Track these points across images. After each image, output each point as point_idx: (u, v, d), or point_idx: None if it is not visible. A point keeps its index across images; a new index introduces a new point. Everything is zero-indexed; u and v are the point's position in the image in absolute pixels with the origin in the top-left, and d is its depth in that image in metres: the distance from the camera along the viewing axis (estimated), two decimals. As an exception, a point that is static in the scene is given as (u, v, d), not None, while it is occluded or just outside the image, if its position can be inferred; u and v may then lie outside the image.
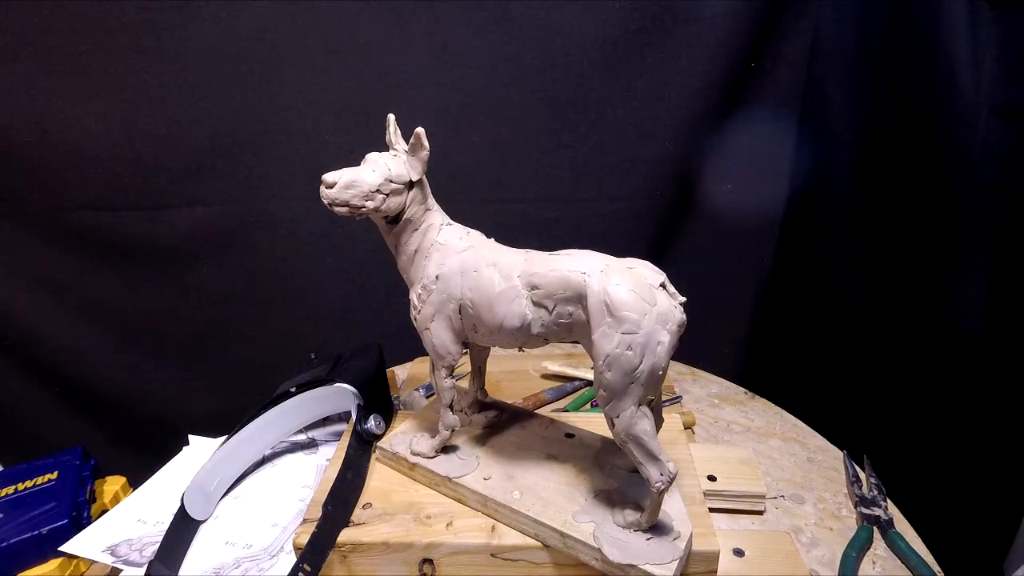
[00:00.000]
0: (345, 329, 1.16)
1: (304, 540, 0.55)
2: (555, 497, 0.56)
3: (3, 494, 0.71)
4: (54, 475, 0.74)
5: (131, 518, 0.69)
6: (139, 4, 0.91)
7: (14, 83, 0.94)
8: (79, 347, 1.12)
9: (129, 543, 0.65)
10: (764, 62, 1.02)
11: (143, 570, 0.58)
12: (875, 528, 0.64)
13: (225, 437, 0.73)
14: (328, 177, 0.52)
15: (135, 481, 0.78)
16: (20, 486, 0.72)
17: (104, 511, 0.72)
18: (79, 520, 0.69)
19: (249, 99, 0.99)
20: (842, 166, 1.01)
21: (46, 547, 0.65)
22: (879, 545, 0.63)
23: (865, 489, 0.70)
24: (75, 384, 1.15)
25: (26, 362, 1.12)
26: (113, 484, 0.78)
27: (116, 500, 0.75)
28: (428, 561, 0.56)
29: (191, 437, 0.82)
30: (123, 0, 0.91)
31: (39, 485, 0.72)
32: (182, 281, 1.10)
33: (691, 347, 1.04)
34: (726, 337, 1.24)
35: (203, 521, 0.67)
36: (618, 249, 0.97)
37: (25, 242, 1.05)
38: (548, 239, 1.09)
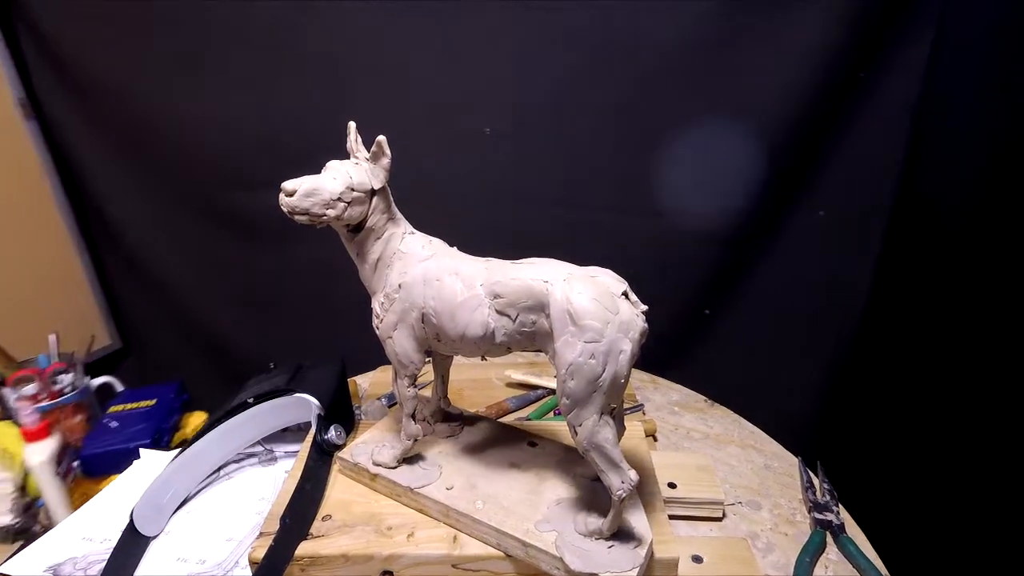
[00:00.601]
0: None
1: (260, 554, 0.54)
2: (517, 506, 0.56)
3: (119, 409, 0.87)
4: (153, 402, 0.89)
5: (76, 535, 0.66)
6: (273, 5, 1.06)
7: (161, 76, 1.15)
8: (201, 296, 1.36)
9: (73, 562, 0.62)
10: (871, 71, 0.93)
11: (88, 589, 0.56)
12: (827, 533, 0.66)
13: (179, 450, 0.71)
14: (288, 185, 0.51)
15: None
16: (129, 406, 0.88)
17: (184, 440, 0.75)
18: (159, 443, 0.82)
19: (343, 95, 1.10)
20: (963, 197, 0.87)
21: (130, 459, 0.78)
22: (831, 550, 0.65)
23: (819, 495, 0.71)
24: (195, 327, 1.39)
25: (162, 304, 1.38)
26: (198, 417, 0.90)
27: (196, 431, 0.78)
28: (388, 573, 0.55)
29: (142, 450, 0.79)
30: (261, 3, 1.06)
31: (140, 408, 0.87)
32: (285, 254, 1.25)
33: (756, 395, 0.99)
34: (795, 385, 1.15)
35: (154, 537, 0.65)
36: (679, 268, 0.98)
37: (170, 207, 1.28)
38: (608, 252, 1.07)
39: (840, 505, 0.70)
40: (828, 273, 1.06)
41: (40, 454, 0.71)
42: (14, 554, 0.63)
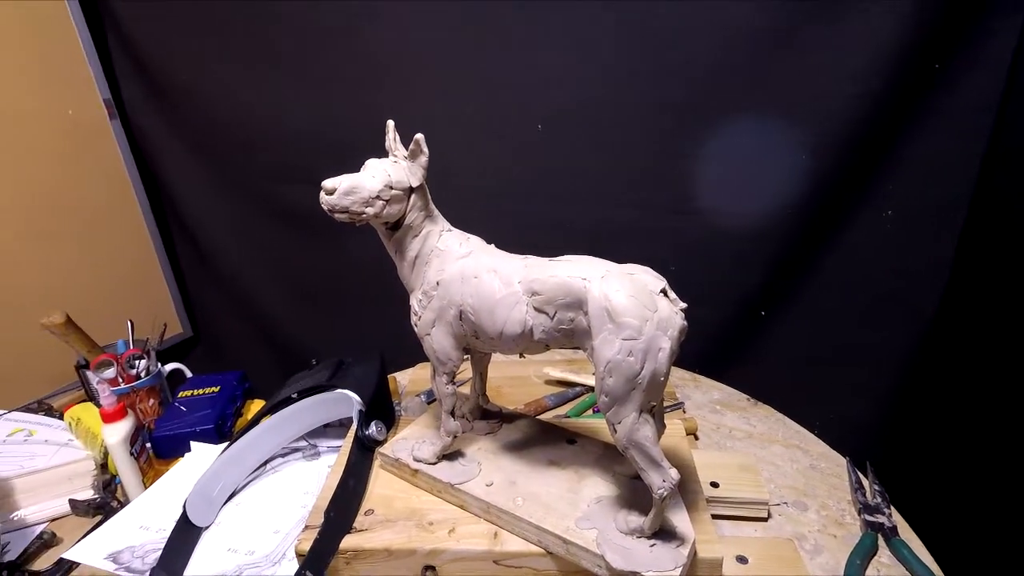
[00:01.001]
0: None
1: (306, 547, 0.55)
2: (557, 503, 0.56)
3: (187, 395, 0.92)
4: (217, 389, 0.93)
5: (133, 524, 0.69)
6: (324, 9, 1.12)
7: (231, 77, 1.24)
8: (265, 289, 1.45)
9: (131, 550, 0.65)
10: (948, 64, 0.87)
11: (145, 577, 0.58)
12: (879, 536, 0.64)
13: (227, 443, 0.73)
14: (328, 183, 0.52)
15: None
16: (196, 392, 0.93)
17: (243, 428, 0.77)
18: (222, 429, 0.86)
19: (396, 93, 1.15)
20: None
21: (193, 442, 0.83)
22: (883, 553, 0.63)
23: (869, 496, 0.69)
24: (258, 318, 1.49)
25: (229, 297, 1.49)
26: (258, 405, 0.92)
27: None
28: (431, 568, 0.56)
29: (192, 443, 0.82)
30: (311, 8, 1.13)
31: (205, 394, 0.92)
32: (341, 249, 1.31)
33: (809, 398, 0.97)
34: (851, 388, 1.09)
35: (205, 528, 0.67)
36: (733, 271, 0.90)
37: (238, 202, 1.37)
38: (655, 251, 1.05)
39: (892, 507, 0.67)
40: (894, 275, 1.00)
41: (117, 434, 0.74)
42: (78, 541, 0.67)
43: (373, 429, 0.68)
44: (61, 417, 0.91)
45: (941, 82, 0.88)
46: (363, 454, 0.66)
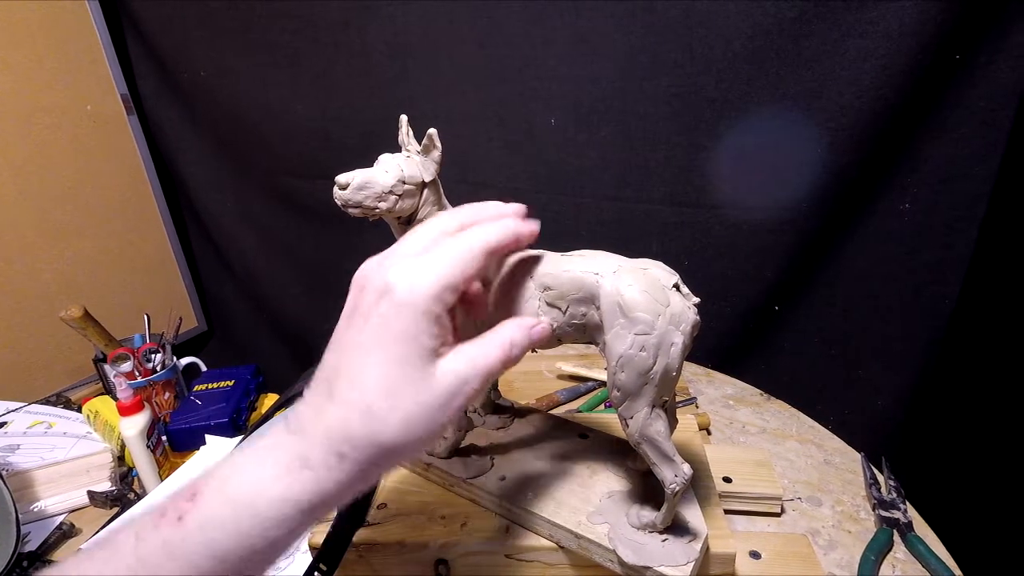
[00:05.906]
0: None
1: (319, 540, 0.56)
2: (569, 498, 0.56)
3: (202, 388, 0.94)
4: (231, 383, 0.94)
5: (150, 517, 0.70)
6: (338, 5, 1.14)
7: (248, 72, 1.26)
8: (279, 283, 1.47)
9: (148, 541, 0.66)
10: (970, 53, 0.84)
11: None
12: (894, 531, 0.63)
13: (241, 437, 0.74)
14: (341, 179, 0.52)
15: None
16: (211, 385, 0.95)
17: (257, 421, 0.78)
18: (237, 421, 0.88)
19: (411, 87, 1.16)
20: None
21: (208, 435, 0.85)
22: (899, 549, 0.62)
23: (884, 491, 0.69)
24: (272, 312, 1.51)
25: (244, 292, 1.52)
26: (271, 399, 0.98)
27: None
28: (443, 562, 0.56)
29: (207, 436, 0.83)
30: (327, 2, 1.14)
31: (219, 388, 0.94)
32: (353, 243, 1.31)
33: (824, 394, 1.01)
34: (867, 384, 1.07)
35: (220, 520, 0.68)
36: (748, 265, 0.88)
37: (253, 197, 1.40)
38: (670, 245, 1.08)
39: (907, 503, 0.67)
40: (911, 270, 0.98)
41: (134, 427, 0.76)
42: (96, 532, 0.68)
43: (386, 423, 0.68)
44: (80, 410, 0.93)
45: (962, 74, 0.86)
46: (376, 448, 0.67)
